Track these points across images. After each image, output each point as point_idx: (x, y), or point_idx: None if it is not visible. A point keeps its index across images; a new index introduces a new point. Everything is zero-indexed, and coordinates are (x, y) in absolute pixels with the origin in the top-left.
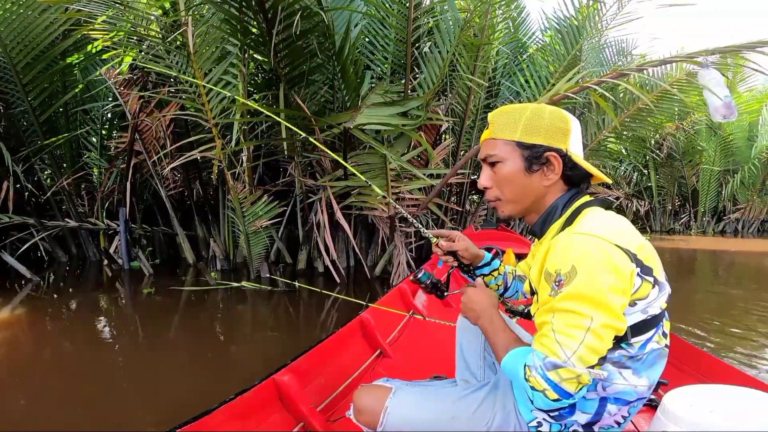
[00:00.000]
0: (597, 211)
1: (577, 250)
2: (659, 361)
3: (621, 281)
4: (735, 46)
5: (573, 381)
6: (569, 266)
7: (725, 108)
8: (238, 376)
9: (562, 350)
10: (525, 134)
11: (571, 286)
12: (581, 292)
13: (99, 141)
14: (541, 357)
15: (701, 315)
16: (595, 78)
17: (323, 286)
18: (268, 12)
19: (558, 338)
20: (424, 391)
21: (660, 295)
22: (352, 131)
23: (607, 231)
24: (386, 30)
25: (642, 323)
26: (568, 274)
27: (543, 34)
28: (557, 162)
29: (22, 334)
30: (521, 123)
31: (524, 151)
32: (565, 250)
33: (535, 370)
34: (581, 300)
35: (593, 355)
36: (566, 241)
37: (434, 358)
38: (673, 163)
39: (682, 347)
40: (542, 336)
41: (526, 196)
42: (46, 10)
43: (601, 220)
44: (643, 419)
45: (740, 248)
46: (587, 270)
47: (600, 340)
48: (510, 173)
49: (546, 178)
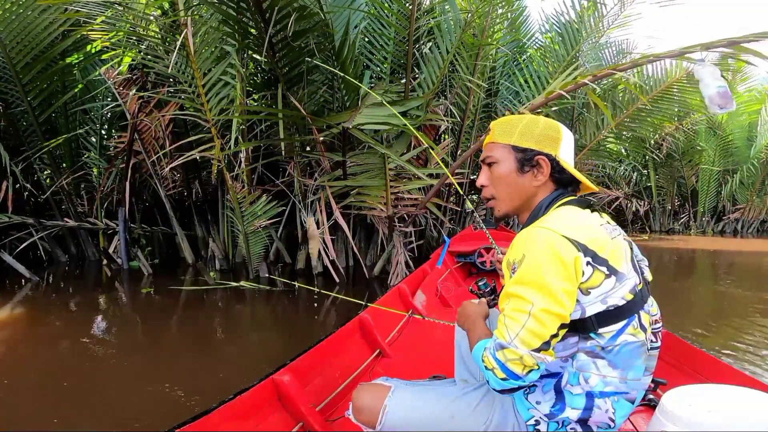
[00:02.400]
0: (566, 209)
1: (527, 241)
2: (637, 355)
3: (564, 269)
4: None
5: (517, 362)
6: (521, 255)
7: (721, 97)
8: (237, 376)
9: (508, 332)
10: (519, 139)
11: (517, 273)
12: (523, 277)
13: (98, 141)
14: (494, 338)
15: (700, 315)
16: (591, 74)
17: (322, 285)
18: (266, 12)
19: (506, 322)
20: (423, 391)
21: (619, 284)
22: (351, 131)
23: (560, 225)
24: (386, 29)
25: (606, 313)
26: (519, 261)
27: (543, 35)
28: (546, 165)
29: (21, 334)
30: (517, 129)
31: (518, 153)
32: (519, 242)
33: (488, 351)
34: (524, 284)
35: (535, 339)
36: (522, 235)
37: (433, 358)
38: (673, 163)
39: (680, 347)
40: (498, 321)
41: (518, 194)
42: (45, 11)
43: (561, 216)
44: (641, 419)
45: (740, 248)
46: (531, 257)
47: (540, 324)
48: (504, 173)
49: (536, 179)
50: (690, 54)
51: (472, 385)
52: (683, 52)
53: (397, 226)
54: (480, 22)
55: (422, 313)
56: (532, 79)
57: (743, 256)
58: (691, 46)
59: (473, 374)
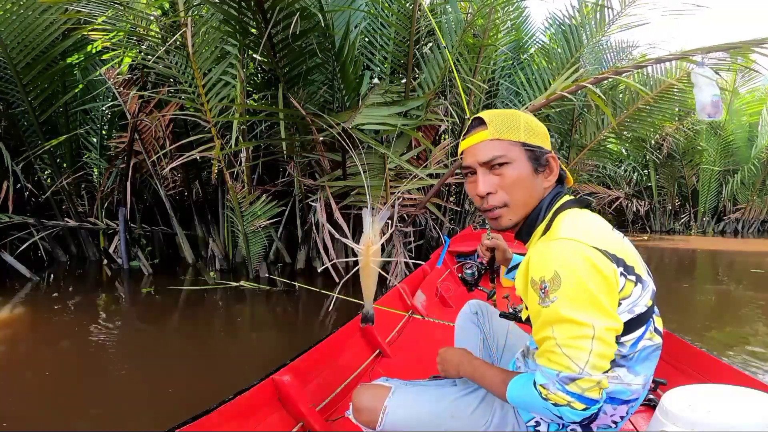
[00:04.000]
0: (574, 214)
1: (557, 256)
2: (652, 358)
3: (606, 283)
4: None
5: (595, 389)
6: (551, 272)
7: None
8: (237, 375)
9: (574, 363)
10: (528, 136)
11: (560, 294)
12: (573, 300)
13: (99, 141)
14: (554, 373)
15: (701, 315)
16: (593, 77)
17: (322, 285)
18: (266, 12)
19: (566, 352)
20: (423, 391)
21: (644, 292)
22: (351, 131)
23: (585, 234)
24: (386, 29)
25: (630, 321)
26: (552, 280)
27: (546, 35)
28: (555, 164)
29: (21, 334)
30: (522, 125)
31: (529, 152)
32: (545, 257)
33: (552, 386)
34: (576, 308)
35: (604, 361)
36: (545, 248)
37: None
38: (673, 163)
39: (680, 347)
40: (548, 352)
41: (533, 199)
42: (46, 11)
43: (578, 224)
44: (642, 419)
45: (740, 248)
46: (572, 276)
47: (607, 345)
48: (521, 176)
49: (546, 180)
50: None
51: (472, 386)
52: (684, 55)
53: (396, 226)
54: (483, 22)
55: (422, 313)
56: (533, 79)
57: (744, 257)
58: (693, 50)
59: None
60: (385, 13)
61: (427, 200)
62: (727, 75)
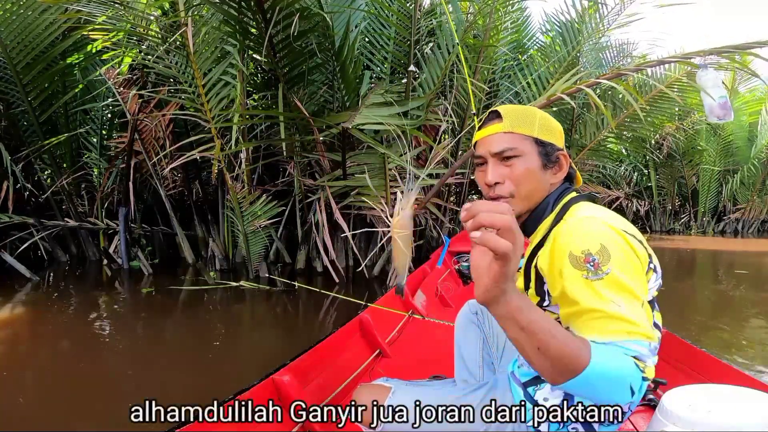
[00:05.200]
0: (588, 204)
1: (596, 231)
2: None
3: (639, 263)
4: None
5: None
6: (598, 245)
7: (720, 109)
8: (237, 375)
9: (652, 331)
10: (541, 132)
11: (612, 263)
12: (626, 271)
13: (99, 141)
14: (646, 344)
15: (700, 314)
16: (593, 79)
17: (322, 285)
18: (266, 12)
19: (638, 321)
20: (422, 391)
21: (658, 280)
22: (351, 131)
23: (610, 217)
24: (386, 29)
25: None
26: (600, 251)
27: (543, 35)
28: (566, 162)
29: (21, 334)
30: (537, 121)
31: (540, 148)
32: (585, 232)
33: (649, 359)
34: (631, 279)
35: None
36: (581, 224)
37: (433, 358)
38: (673, 163)
39: (680, 346)
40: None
41: (538, 193)
42: (46, 11)
43: (596, 211)
44: (641, 419)
45: (740, 248)
46: (619, 250)
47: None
48: (530, 169)
49: (554, 176)
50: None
51: (472, 385)
52: (685, 57)
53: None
54: (483, 22)
55: (422, 313)
56: (533, 79)
57: (744, 256)
58: (694, 53)
59: (473, 374)
60: (386, 13)
61: (427, 200)
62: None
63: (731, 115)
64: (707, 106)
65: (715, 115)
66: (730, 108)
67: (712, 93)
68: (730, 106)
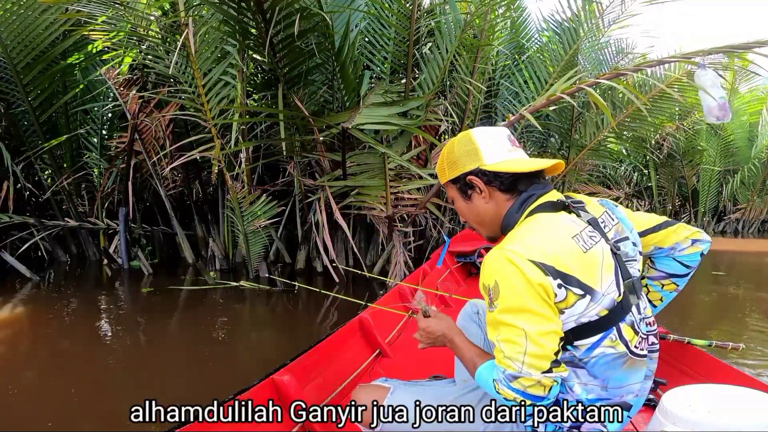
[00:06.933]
0: (534, 221)
1: (495, 266)
2: (616, 367)
3: (536, 293)
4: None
5: (537, 386)
6: (493, 281)
7: (719, 109)
8: (237, 375)
9: (513, 362)
10: (450, 171)
11: (500, 301)
12: (508, 306)
13: (99, 141)
14: (502, 370)
15: (701, 314)
16: (592, 78)
17: (322, 285)
18: (266, 12)
19: (506, 353)
20: (422, 391)
21: (593, 304)
22: (351, 131)
23: (525, 246)
24: (386, 30)
25: (578, 329)
26: (494, 288)
27: (540, 34)
28: (477, 181)
29: (21, 333)
30: (445, 164)
31: (455, 184)
32: (488, 266)
33: (501, 383)
34: (509, 312)
35: (542, 361)
36: (489, 258)
37: (433, 358)
38: (674, 163)
39: (680, 347)
40: (496, 351)
41: (482, 217)
42: (46, 11)
43: (526, 234)
44: (642, 419)
45: (740, 248)
46: (504, 284)
47: (541, 346)
48: (459, 207)
49: (482, 197)
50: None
51: (472, 386)
52: (685, 57)
53: (397, 226)
54: (480, 22)
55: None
56: (532, 80)
57: (744, 257)
58: (693, 52)
59: None
60: (385, 13)
61: (427, 200)
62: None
63: (729, 115)
64: (706, 106)
65: (713, 116)
66: (728, 109)
67: (711, 93)
68: (729, 108)
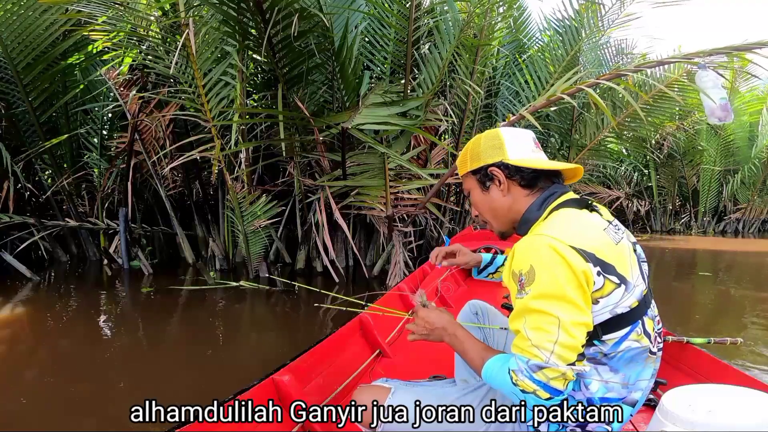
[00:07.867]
0: (564, 213)
1: (533, 251)
2: (639, 360)
3: (577, 279)
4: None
5: (560, 379)
6: (528, 266)
7: (721, 110)
8: (237, 375)
9: (541, 351)
10: (471, 163)
11: (534, 287)
12: (543, 292)
13: (99, 141)
14: (524, 360)
15: (701, 314)
16: (593, 79)
17: (322, 285)
18: (265, 13)
19: (534, 341)
20: (423, 392)
21: (627, 294)
22: (351, 131)
23: (563, 232)
24: (386, 30)
25: (611, 321)
26: (528, 273)
27: (542, 34)
28: (498, 172)
29: (21, 333)
30: (468, 156)
31: (475, 175)
32: (522, 251)
33: (521, 374)
34: (543, 298)
35: (571, 352)
36: (524, 243)
37: (433, 358)
38: (674, 163)
39: (680, 347)
40: (520, 339)
41: (497, 210)
42: (46, 11)
43: (561, 222)
44: (642, 419)
45: (741, 248)
46: (544, 269)
47: (572, 337)
48: (476, 197)
49: (500, 189)
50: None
51: (472, 386)
52: (685, 58)
53: (396, 226)
54: (479, 21)
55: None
56: (533, 79)
57: (744, 257)
58: (694, 53)
59: (473, 374)
60: (385, 13)
61: (427, 200)
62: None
63: (731, 116)
64: (707, 107)
65: (715, 117)
66: (730, 109)
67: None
68: (730, 108)
